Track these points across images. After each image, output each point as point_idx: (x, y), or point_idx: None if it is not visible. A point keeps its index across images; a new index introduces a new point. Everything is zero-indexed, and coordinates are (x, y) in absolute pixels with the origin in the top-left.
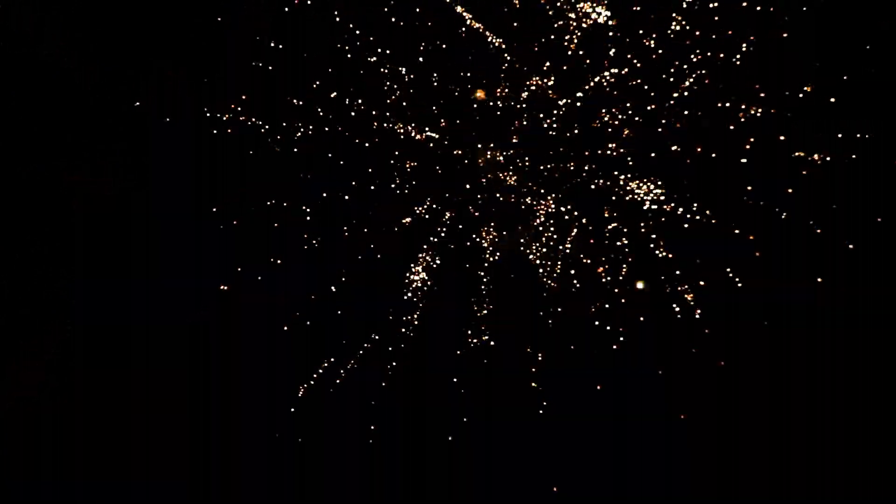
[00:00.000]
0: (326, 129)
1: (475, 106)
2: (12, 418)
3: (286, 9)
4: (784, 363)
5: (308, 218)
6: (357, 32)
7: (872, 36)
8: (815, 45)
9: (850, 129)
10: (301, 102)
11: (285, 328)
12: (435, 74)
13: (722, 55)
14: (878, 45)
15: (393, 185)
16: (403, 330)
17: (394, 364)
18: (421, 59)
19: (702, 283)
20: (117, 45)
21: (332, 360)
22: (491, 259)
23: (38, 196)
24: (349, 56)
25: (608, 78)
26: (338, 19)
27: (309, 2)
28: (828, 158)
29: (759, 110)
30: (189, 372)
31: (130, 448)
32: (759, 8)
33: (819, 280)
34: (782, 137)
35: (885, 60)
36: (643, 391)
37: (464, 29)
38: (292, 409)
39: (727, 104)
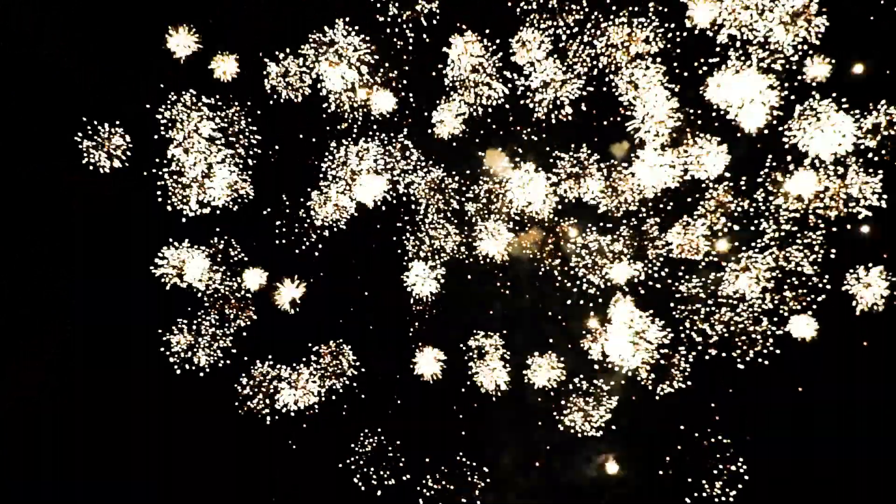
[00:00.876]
0: (333, 160)
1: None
2: (12, 418)
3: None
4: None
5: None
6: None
7: (872, 36)
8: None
9: (852, 130)
10: (308, 135)
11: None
12: (442, 104)
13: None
14: (878, 44)
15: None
16: (410, 365)
17: (398, 402)
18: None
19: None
20: (117, 45)
21: (338, 371)
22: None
23: (38, 196)
24: (360, 103)
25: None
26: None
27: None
28: (845, 187)
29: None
30: (189, 372)
31: (130, 448)
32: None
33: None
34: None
35: (886, 60)
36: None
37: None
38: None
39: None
